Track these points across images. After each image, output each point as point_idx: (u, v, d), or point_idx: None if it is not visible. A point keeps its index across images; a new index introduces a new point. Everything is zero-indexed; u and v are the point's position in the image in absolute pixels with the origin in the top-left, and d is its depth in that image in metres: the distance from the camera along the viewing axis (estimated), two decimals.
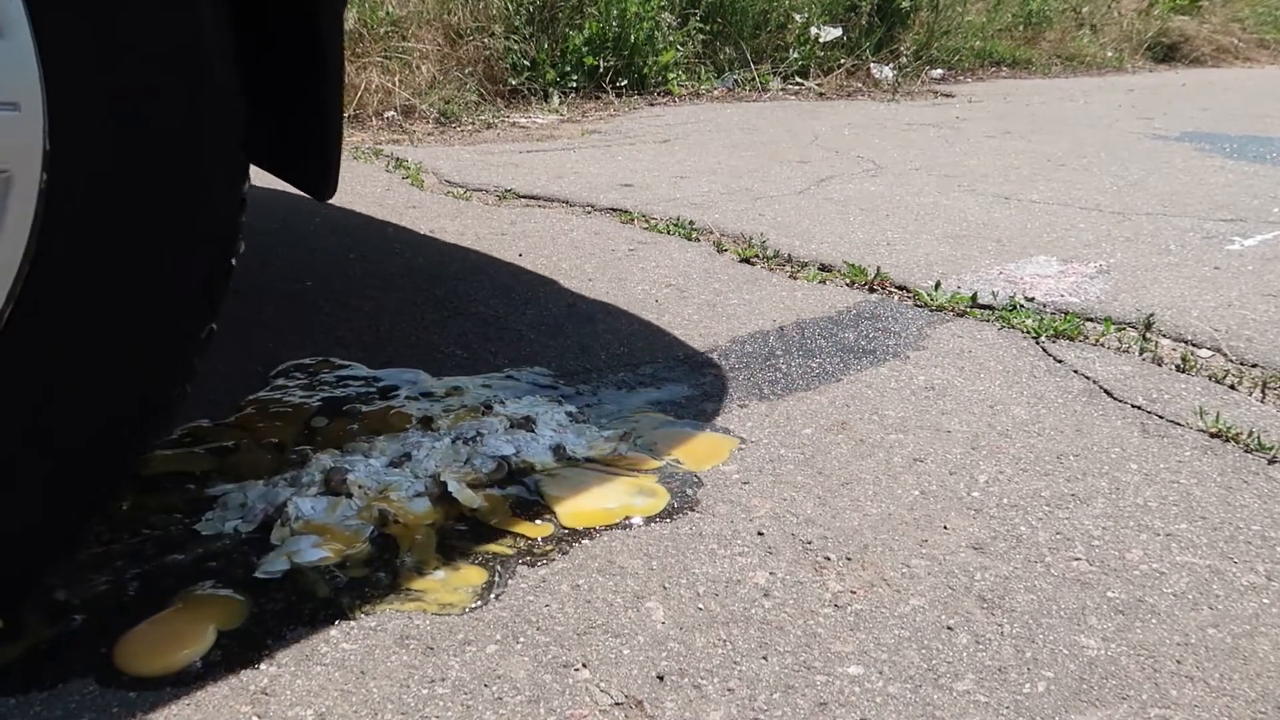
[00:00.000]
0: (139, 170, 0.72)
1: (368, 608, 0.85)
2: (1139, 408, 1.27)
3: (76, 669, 0.77)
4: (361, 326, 1.52)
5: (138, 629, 0.82)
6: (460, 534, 0.96)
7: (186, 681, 0.76)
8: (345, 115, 3.21)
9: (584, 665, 0.79)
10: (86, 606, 0.84)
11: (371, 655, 0.80)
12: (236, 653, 0.80)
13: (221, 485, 1.04)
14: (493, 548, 0.94)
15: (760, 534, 0.98)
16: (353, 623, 0.83)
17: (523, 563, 0.92)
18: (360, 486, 1.03)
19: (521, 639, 0.82)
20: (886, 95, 4.79)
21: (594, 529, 0.98)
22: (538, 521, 0.99)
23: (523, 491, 1.04)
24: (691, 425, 1.20)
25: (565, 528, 0.98)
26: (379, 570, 0.90)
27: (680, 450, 1.13)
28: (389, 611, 0.85)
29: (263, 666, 0.78)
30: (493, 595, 0.87)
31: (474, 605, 0.86)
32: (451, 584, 0.89)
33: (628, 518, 1.00)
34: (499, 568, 0.91)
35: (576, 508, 1.01)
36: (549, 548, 0.95)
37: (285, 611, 0.85)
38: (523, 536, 0.96)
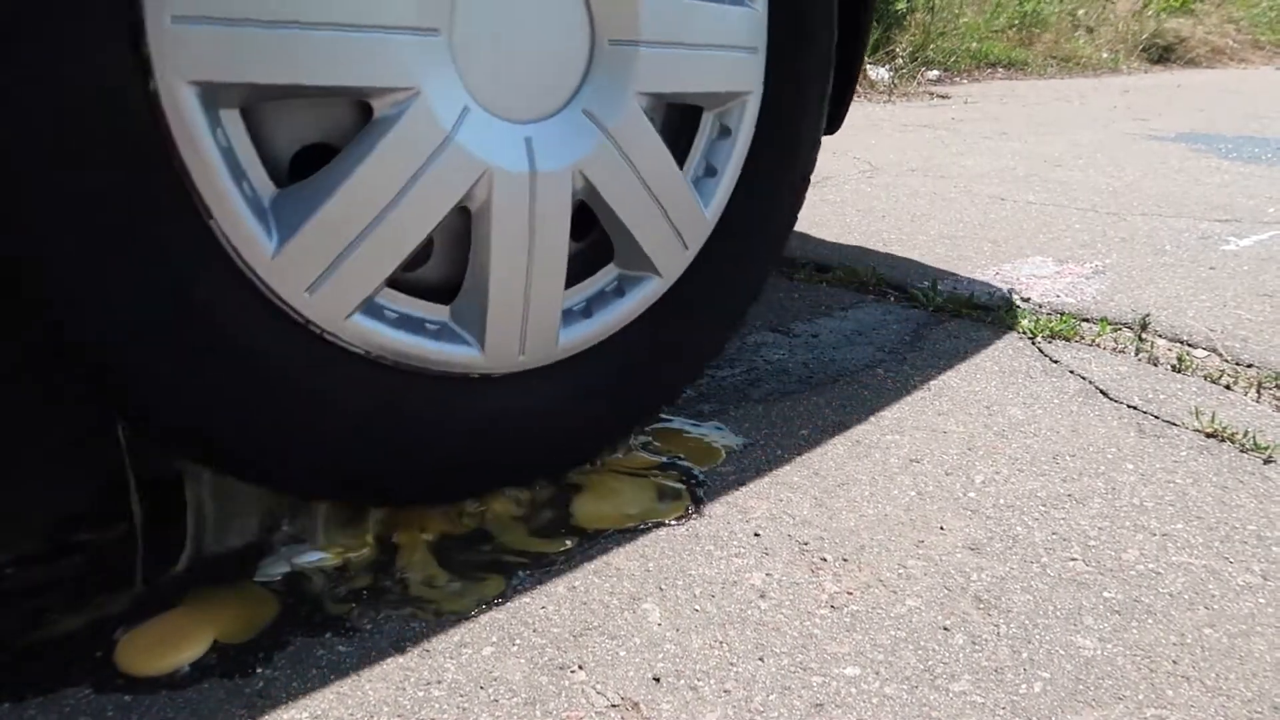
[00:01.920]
0: (803, 89, 1.11)
1: (366, 610, 0.85)
2: (1135, 408, 1.27)
3: (72, 672, 0.77)
4: None
5: (135, 630, 0.82)
6: (460, 538, 0.96)
7: (183, 684, 0.76)
8: None
9: (580, 667, 0.79)
10: (83, 608, 0.84)
11: (368, 657, 0.79)
12: (233, 655, 0.79)
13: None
14: (494, 552, 0.94)
15: (757, 535, 0.98)
16: (350, 625, 0.83)
17: (523, 566, 0.92)
18: None
19: (518, 641, 0.82)
20: (883, 96, 4.80)
21: (596, 531, 0.98)
22: (540, 524, 0.98)
23: (523, 493, 1.04)
24: (690, 425, 1.20)
25: (578, 529, 0.98)
26: (379, 573, 0.90)
27: (680, 449, 1.13)
28: (387, 614, 0.85)
29: (259, 669, 0.78)
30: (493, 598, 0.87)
31: (475, 610, 0.86)
32: (458, 590, 0.89)
33: (644, 522, 0.99)
34: (503, 571, 0.91)
35: (583, 511, 1.01)
36: (552, 552, 0.94)
37: (283, 614, 0.84)
38: (525, 542, 0.96)
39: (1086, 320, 1.58)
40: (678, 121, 1.03)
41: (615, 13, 0.88)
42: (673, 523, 0.99)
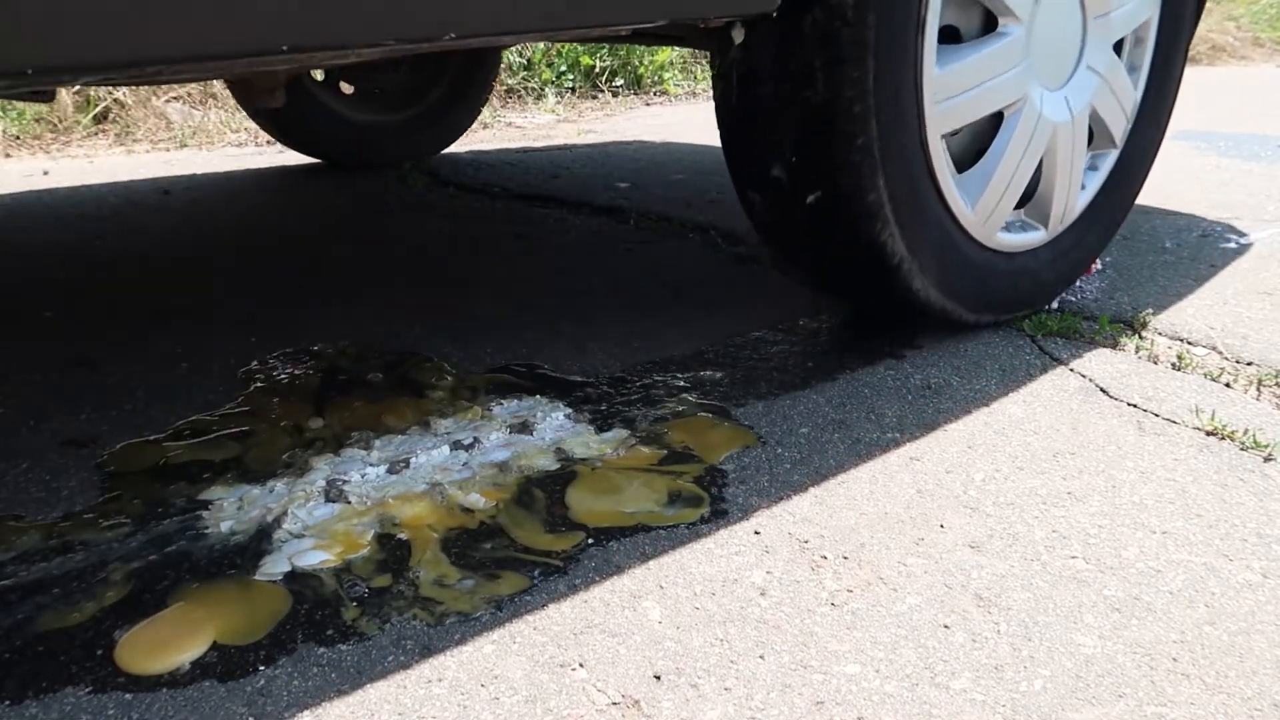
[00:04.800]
0: (1184, 5, 1.64)
1: (369, 608, 0.85)
2: (1135, 405, 1.27)
3: (72, 671, 0.77)
4: (355, 327, 1.52)
5: (135, 629, 0.82)
6: (461, 538, 0.96)
7: (183, 683, 0.76)
8: None
9: (581, 665, 0.79)
10: (83, 606, 0.84)
11: (368, 656, 0.80)
12: (234, 654, 0.80)
13: (221, 485, 1.04)
14: (496, 552, 0.94)
15: (757, 533, 0.98)
16: (351, 623, 0.83)
17: (526, 565, 0.92)
18: (359, 490, 1.03)
19: (518, 639, 0.82)
20: None
21: (601, 529, 0.98)
22: (543, 525, 0.98)
23: (525, 494, 1.04)
24: (707, 415, 1.20)
25: (586, 529, 0.98)
26: (380, 574, 0.90)
27: (690, 440, 1.13)
28: (389, 612, 0.85)
29: (260, 668, 0.78)
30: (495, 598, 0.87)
31: (478, 611, 0.86)
32: (465, 590, 0.89)
33: (645, 524, 1.00)
34: (505, 571, 0.91)
35: (587, 509, 1.01)
36: (560, 550, 0.94)
37: (284, 613, 0.85)
38: (528, 542, 0.96)
39: (1087, 318, 1.58)
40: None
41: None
42: (678, 523, 0.99)
